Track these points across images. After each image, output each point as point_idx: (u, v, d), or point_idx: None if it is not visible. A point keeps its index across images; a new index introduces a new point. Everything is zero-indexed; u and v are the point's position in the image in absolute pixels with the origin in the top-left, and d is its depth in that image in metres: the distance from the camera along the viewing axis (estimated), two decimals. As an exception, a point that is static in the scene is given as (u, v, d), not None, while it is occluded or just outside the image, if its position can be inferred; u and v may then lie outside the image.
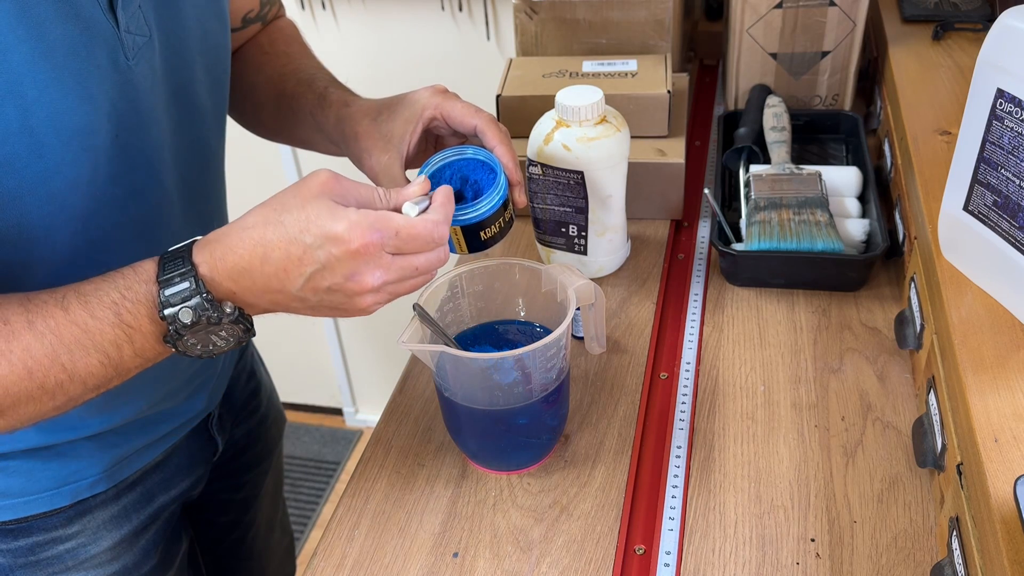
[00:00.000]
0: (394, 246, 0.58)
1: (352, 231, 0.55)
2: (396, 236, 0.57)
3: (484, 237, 0.70)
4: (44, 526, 0.74)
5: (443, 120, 0.73)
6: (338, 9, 1.60)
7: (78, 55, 0.57)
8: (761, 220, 0.88)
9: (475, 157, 0.71)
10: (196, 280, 0.56)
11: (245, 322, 0.59)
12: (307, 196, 0.57)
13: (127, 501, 0.79)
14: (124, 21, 0.60)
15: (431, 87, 0.75)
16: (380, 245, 0.57)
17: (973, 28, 1.03)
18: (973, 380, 0.60)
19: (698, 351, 0.82)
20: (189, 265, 0.56)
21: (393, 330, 0.67)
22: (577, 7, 1.07)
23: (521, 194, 0.72)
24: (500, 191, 0.69)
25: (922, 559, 0.63)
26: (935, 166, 0.80)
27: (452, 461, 0.74)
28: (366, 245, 0.56)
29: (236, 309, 0.58)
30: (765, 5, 1.04)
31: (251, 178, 1.87)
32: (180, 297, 0.55)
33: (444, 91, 0.75)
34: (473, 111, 0.73)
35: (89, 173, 0.60)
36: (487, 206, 0.69)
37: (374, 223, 0.56)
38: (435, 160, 0.72)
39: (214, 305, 0.56)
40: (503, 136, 0.72)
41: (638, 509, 0.69)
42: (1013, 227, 0.63)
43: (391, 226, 0.57)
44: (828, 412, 0.75)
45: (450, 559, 0.66)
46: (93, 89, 0.58)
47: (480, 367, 0.67)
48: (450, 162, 0.72)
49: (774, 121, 1.01)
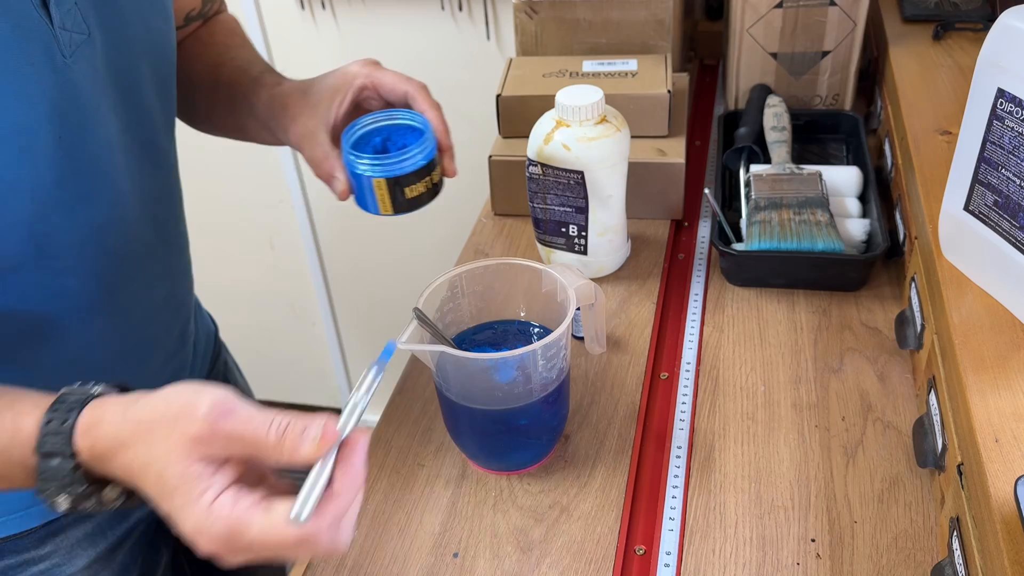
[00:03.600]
0: (249, 553, 0.47)
1: (198, 536, 0.47)
2: (249, 549, 0.47)
3: (409, 195, 0.70)
4: (15, 548, 0.71)
5: (374, 89, 0.73)
6: (338, 9, 1.60)
7: (9, 51, 0.55)
8: (761, 220, 0.88)
9: (405, 121, 0.71)
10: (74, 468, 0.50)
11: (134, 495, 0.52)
12: (176, 443, 0.47)
13: (101, 518, 0.76)
14: (58, 18, 0.57)
15: (362, 59, 0.74)
16: (229, 552, 0.47)
17: (973, 28, 1.03)
18: (973, 380, 0.60)
19: (698, 351, 0.82)
20: (69, 451, 0.50)
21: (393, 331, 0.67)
22: (577, 7, 1.07)
23: (451, 161, 0.72)
24: (428, 148, 0.69)
25: (922, 559, 0.63)
26: (935, 166, 0.80)
27: (452, 461, 0.74)
28: (211, 552, 0.47)
29: (122, 493, 0.52)
30: (765, 5, 1.04)
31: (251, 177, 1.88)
32: (57, 484, 0.51)
33: (375, 63, 0.75)
34: (404, 79, 0.72)
35: (31, 176, 0.58)
36: (413, 160, 0.68)
37: (224, 535, 0.47)
38: (363, 122, 0.71)
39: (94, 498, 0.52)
40: (434, 103, 0.71)
41: (638, 509, 0.69)
42: (1013, 227, 0.63)
43: (243, 542, 0.47)
44: (828, 412, 0.75)
45: (450, 559, 0.66)
46: (29, 87, 0.56)
47: (480, 367, 0.67)
48: (380, 127, 0.71)
49: (774, 121, 1.01)
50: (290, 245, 1.96)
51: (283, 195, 1.88)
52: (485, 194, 1.06)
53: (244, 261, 2.00)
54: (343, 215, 1.89)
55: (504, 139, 1.03)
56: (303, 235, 1.93)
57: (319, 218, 1.91)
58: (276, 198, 1.89)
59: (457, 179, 0.77)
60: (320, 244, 1.95)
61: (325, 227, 1.92)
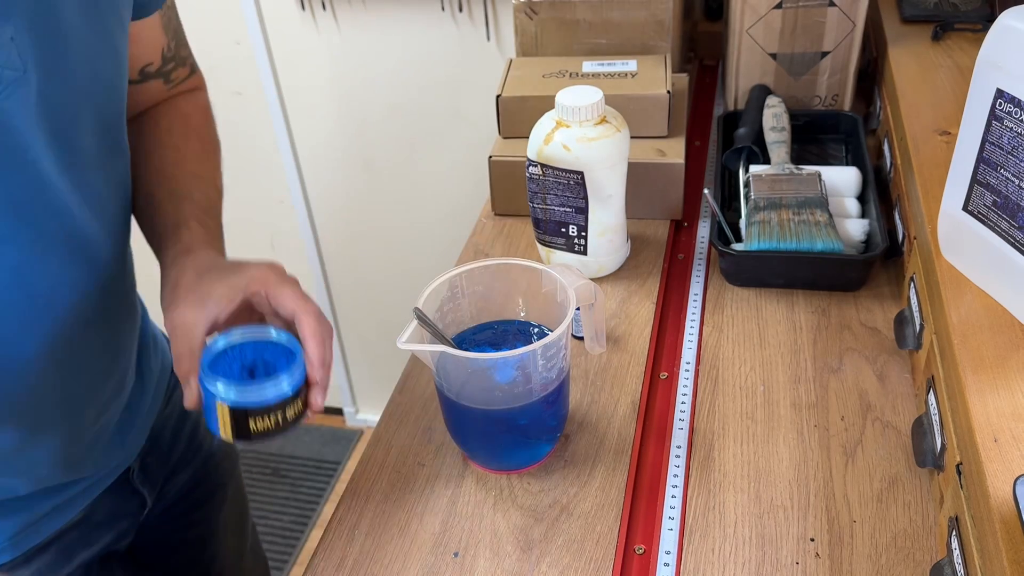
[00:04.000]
0: None
1: None
2: None
3: (254, 429, 0.61)
4: None
5: (266, 298, 0.65)
6: (338, 9, 1.60)
7: None
8: (761, 220, 0.88)
9: (279, 342, 0.64)
10: None
11: None
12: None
13: (41, 563, 0.74)
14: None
15: (270, 263, 0.67)
16: None
17: (973, 28, 1.03)
18: (972, 380, 0.60)
19: (698, 351, 0.82)
20: None
21: (393, 330, 0.66)
22: (577, 7, 1.08)
23: (318, 395, 0.63)
24: (286, 382, 0.61)
25: (921, 559, 0.63)
26: (935, 166, 0.80)
27: (452, 461, 0.74)
28: None
29: None
30: (765, 5, 1.05)
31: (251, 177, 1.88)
32: None
33: (281, 271, 0.67)
34: (299, 297, 0.64)
35: None
36: (264, 393, 0.60)
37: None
38: (237, 333, 0.64)
39: None
40: (321, 332, 0.64)
41: (638, 509, 0.69)
42: (1012, 227, 0.63)
43: None
44: (828, 412, 0.75)
45: (450, 559, 0.66)
46: None
47: (480, 367, 0.67)
48: (254, 342, 0.64)
49: (774, 121, 1.01)
50: (290, 245, 1.97)
51: (283, 195, 1.88)
52: (485, 194, 1.06)
53: (244, 261, 2.00)
54: (343, 215, 1.89)
55: (504, 139, 1.04)
56: (303, 235, 1.93)
57: (319, 218, 1.91)
58: (276, 198, 1.90)
59: (457, 179, 0.76)
60: (320, 244, 1.95)
61: (325, 227, 1.92)
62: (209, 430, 0.63)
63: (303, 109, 1.75)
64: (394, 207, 1.83)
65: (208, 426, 0.62)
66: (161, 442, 0.87)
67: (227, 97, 1.74)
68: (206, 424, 0.63)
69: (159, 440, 0.87)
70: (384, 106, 1.70)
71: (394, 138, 1.73)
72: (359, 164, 1.79)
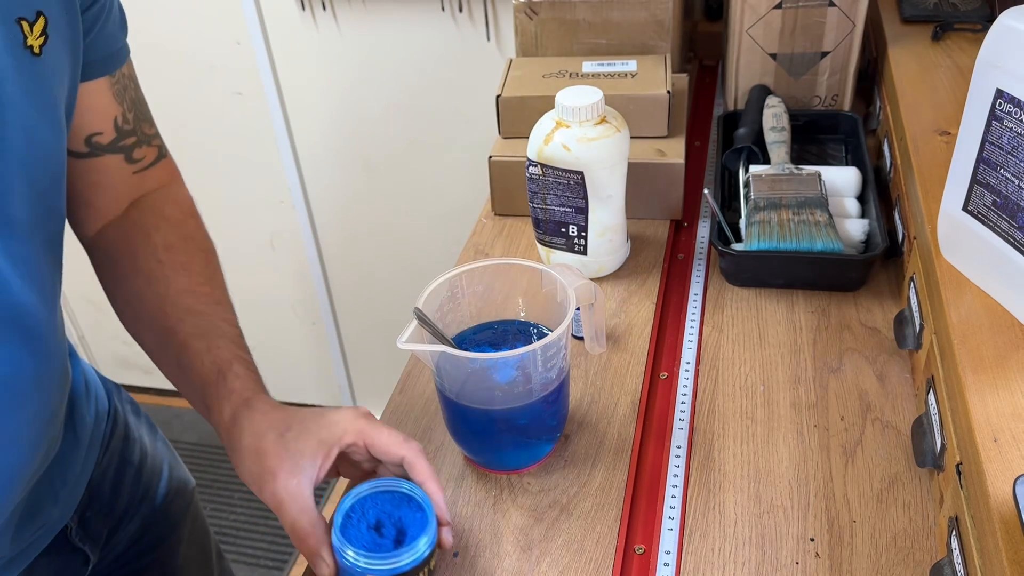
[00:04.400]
0: None
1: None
2: None
3: None
4: None
5: (364, 448, 0.64)
6: (338, 9, 1.60)
7: None
8: (761, 220, 0.88)
9: (403, 491, 0.63)
10: None
11: None
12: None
13: None
14: None
15: (354, 409, 0.65)
16: None
17: (972, 28, 1.03)
18: (972, 380, 0.60)
19: (698, 351, 0.82)
20: None
21: (393, 330, 0.66)
22: (577, 7, 1.08)
23: (449, 534, 0.62)
24: (431, 536, 0.60)
25: (921, 559, 0.63)
26: (934, 166, 0.80)
27: (452, 461, 0.74)
28: None
29: None
30: (765, 5, 1.05)
31: (251, 177, 1.88)
32: None
33: (368, 415, 0.65)
34: (400, 440, 0.63)
35: None
36: (416, 555, 0.59)
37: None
38: (357, 492, 0.63)
39: None
40: (432, 471, 0.63)
41: (638, 509, 0.69)
42: (1012, 227, 0.63)
43: None
44: (828, 412, 0.75)
45: (450, 559, 0.66)
46: None
47: (480, 367, 0.67)
48: (375, 494, 0.63)
49: (774, 121, 1.01)
50: (291, 245, 1.97)
51: (283, 195, 1.89)
52: (485, 194, 1.06)
53: (245, 261, 2.00)
54: (343, 215, 1.89)
55: (504, 139, 1.04)
56: (304, 235, 1.93)
57: (319, 218, 1.91)
58: (276, 198, 1.90)
59: (457, 179, 0.76)
60: (321, 244, 1.96)
61: (325, 227, 1.92)
62: None
63: (303, 109, 1.75)
64: (394, 207, 1.83)
65: None
66: (101, 494, 0.80)
67: (227, 97, 1.74)
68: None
69: (99, 492, 0.80)
70: (384, 106, 1.70)
71: (394, 138, 1.73)
72: (359, 164, 1.79)
